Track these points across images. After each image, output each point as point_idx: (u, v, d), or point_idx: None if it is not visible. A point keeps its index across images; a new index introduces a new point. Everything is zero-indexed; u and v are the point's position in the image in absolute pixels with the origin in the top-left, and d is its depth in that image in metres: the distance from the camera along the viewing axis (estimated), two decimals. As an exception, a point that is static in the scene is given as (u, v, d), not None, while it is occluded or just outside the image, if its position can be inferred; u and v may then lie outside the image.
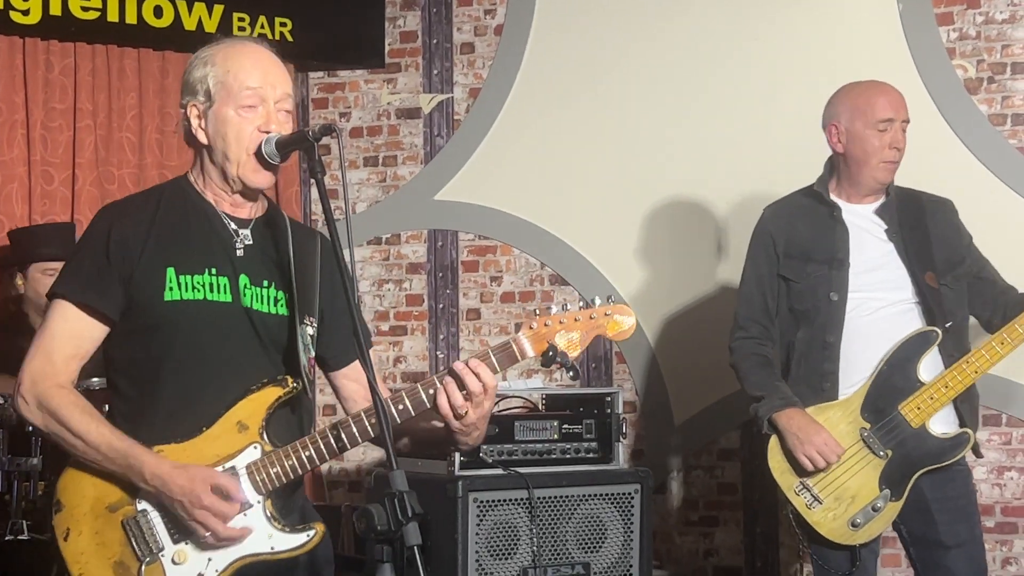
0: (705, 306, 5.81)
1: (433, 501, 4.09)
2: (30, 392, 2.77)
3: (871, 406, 3.98)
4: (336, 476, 6.16)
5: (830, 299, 4.05)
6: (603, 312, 2.76)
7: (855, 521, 3.94)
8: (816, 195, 4.18)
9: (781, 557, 5.71)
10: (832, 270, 4.07)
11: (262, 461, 2.75)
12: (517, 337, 2.73)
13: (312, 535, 2.79)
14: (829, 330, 4.03)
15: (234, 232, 2.86)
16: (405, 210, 6.25)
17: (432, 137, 6.25)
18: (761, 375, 4.13)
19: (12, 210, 5.41)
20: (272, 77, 2.82)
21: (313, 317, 2.88)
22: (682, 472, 5.89)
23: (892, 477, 3.95)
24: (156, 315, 2.77)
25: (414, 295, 6.23)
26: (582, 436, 4.69)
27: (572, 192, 6.02)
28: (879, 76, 5.07)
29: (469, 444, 2.81)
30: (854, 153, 4.09)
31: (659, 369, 5.89)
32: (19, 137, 5.46)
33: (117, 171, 5.74)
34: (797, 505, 3.99)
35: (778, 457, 4.02)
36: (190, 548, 2.73)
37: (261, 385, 2.78)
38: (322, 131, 2.67)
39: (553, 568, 4.45)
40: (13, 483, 4.44)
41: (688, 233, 5.86)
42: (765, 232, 4.24)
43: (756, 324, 4.19)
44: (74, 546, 2.74)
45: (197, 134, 2.84)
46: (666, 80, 5.92)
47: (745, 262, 4.31)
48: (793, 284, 4.14)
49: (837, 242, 4.09)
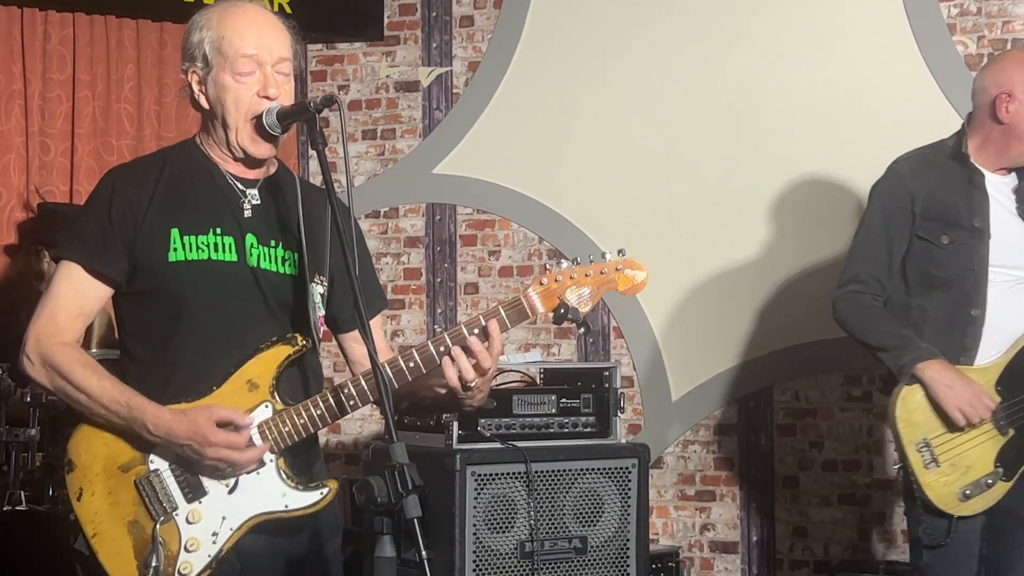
0: (703, 281, 5.80)
1: (431, 474, 4.09)
2: (34, 351, 2.77)
3: (1005, 381, 3.87)
4: (333, 449, 6.16)
5: (973, 269, 3.91)
6: (614, 266, 2.72)
7: (965, 492, 3.82)
8: (960, 156, 4.00)
9: (777, 532, 5.72)
10: (974, 239, 3.93)
11: (273, 420, 2.74)
12: (527, 293, 2.71)
13: (326, 493, 2.78)
14: (975, 302, 3.89)
15: (241, 192, 2.85)
16: (403, 183, 6.23)
17: (431, 110, 6.23)
18: (893, 325, 3.95)
19: (10, 181, 5.40)
20: (268, 40, 2.79)
21: (323, 276, 2.87)
22: (679, 447, 5.89)
23: (1008, 456, 3.85)
24: (161, 277, 2.77)
25: (412, 269, 6.22)
26: (580, 410, 4.69)
27: (571, 166, 6.01)
28: (879, 51, 5.08)
29: (474, 406, 2.80)
30: (1020, 128, 3.94)
31: (657, 344, 5.89)
32: (17, 108, 5.44)
33: (115, 142, 5.72)
34: (913, 461, 3.82)
35: (910, 407, 3.85)
36: (204, 507, 2.73)
37: (271, 343, 2.78)
38: (323, 102, 2.66)
39: (550, 541, 4.46)
40: (11, 454, 4.45)
41: (688, 208, 5.84)
42: (902, 187, 4.01)
43: (876, 280, 3.99)
44: (88, 506, 2.74)
45: (199, 99, 2.84)
46: (666, 53, 5.89)
47: (870, 214, 4.07)
48: (933, 247, 3.96)
49: (977, 210, 3.95)
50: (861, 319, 4.01)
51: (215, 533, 2.73)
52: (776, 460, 5.76)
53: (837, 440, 4.60)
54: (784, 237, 5.65)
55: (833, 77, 5.63)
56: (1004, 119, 3.95)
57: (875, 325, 3.98)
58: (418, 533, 2.36)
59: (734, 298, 5.77)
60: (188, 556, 2.71)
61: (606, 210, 5.96)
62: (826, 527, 5.65)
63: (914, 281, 4.00)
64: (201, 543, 2.72)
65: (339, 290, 2.93)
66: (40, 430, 4.45)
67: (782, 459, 5.76)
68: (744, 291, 5.74)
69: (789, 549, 5.73)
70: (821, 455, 5.68)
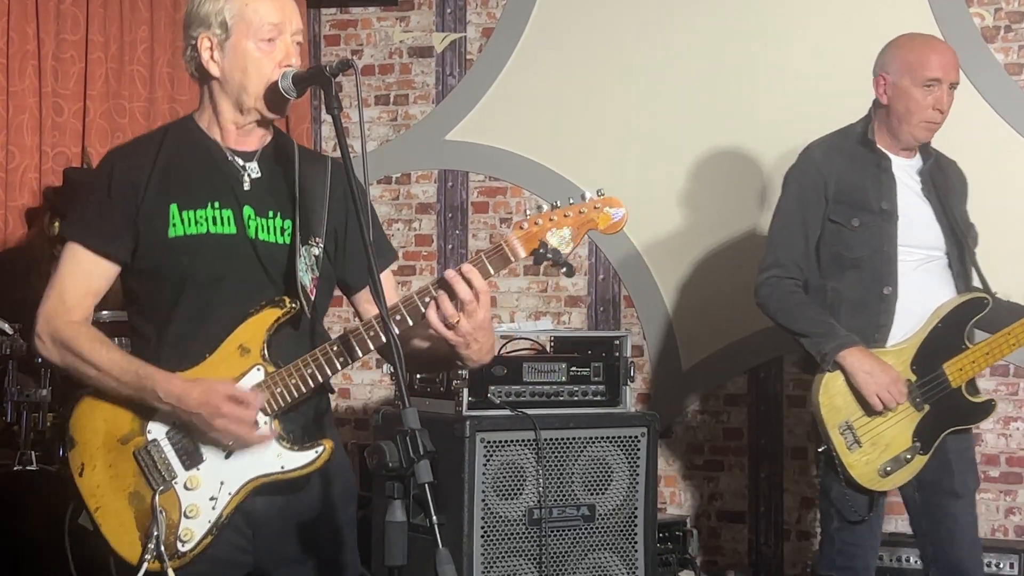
0: (714, 251, 5.80)
1: (440, 441, 4.10)
2: (44, 330, 2.80)
3: (920, 360, 4.01)
4: (343, 414, 6.17)
5: (883, 250, 4.04)
6: (592, 205, 2.73)
7: (886, 469, 3.99)
8: (866, 143, 4.13)
9: (785, 503, 5.74)
10: (883, 221, 4.05)
11: (265, 382, 2.75)
12: (508, 238, 2.70)
13: (320, 451, 2.78)
14: (886, 281, 4.03)
15: (240, 167, 2.86)
16: (415, 150, 6.23)
17: (444, 76, 6.22)
18: (812, 312, 4.07)
19: (23, 141, 5.39)
20: (289, 11, 2.83)
21: (320, 238, 2.86)
22: (688, 416, 5.90)
23: (924, 431, 4.01)
24: (161, 253, 2.79)
25: (423, 235, 6.22)
26: (590, 379, 4.69)
27: (584, 134, 6.00)
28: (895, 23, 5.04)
29: (472, 358, 2.75)
30: (897, 108, 4.07)
31: (668, 313, 5.89)
32: (30, 68, 5.43)
33: (128, 104, 5.72)
34: (837, 444, 3.99)
35: (831, 393, 4.01)
36: (202, 473, 2.75)
37: (259, 308, 2.78)
38: (339, 67, 2.66)
39: (559, 509, 4.47)
40: (22, 414, 4.46)
41: (699, 178, 5.83)
42: (815, 172, 4.14)
43: (795, 265, 4.13)
44: (89, 480, 2.77)
45: (209, 66, 2.83)
46: (682, 22, 5.87)
47: (786, 199, 4.21)
48: (844, 230, 4.08)
49: (885, 192, 4.08)
50: (783, 305, 4.14)
51: (213, 498, 2.74)
52: (785, 431, 5.77)
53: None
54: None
55: (849, 49, 5.59)
56: (883, 100, 4.12)
57: (797, 311, 4.11)
58: (429, 499, 2.36)
59: (745, 268, 5.74)
60: (189, 523, 2.73)
61: (618, 178, 5.94)
62: (834, 499, 5.66)
63: (827, 263, 4.12)
64: (201, 509, 2.74)
65: (345, 251, 2.94)
66: (51, 391, 4.46)
67: (791, 430, 5.76)
68: (756, 261, 5.72)
69: (797, 520, 5.74)
70: (830, 427, 5.68)
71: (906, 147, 4.14)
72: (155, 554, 2.69)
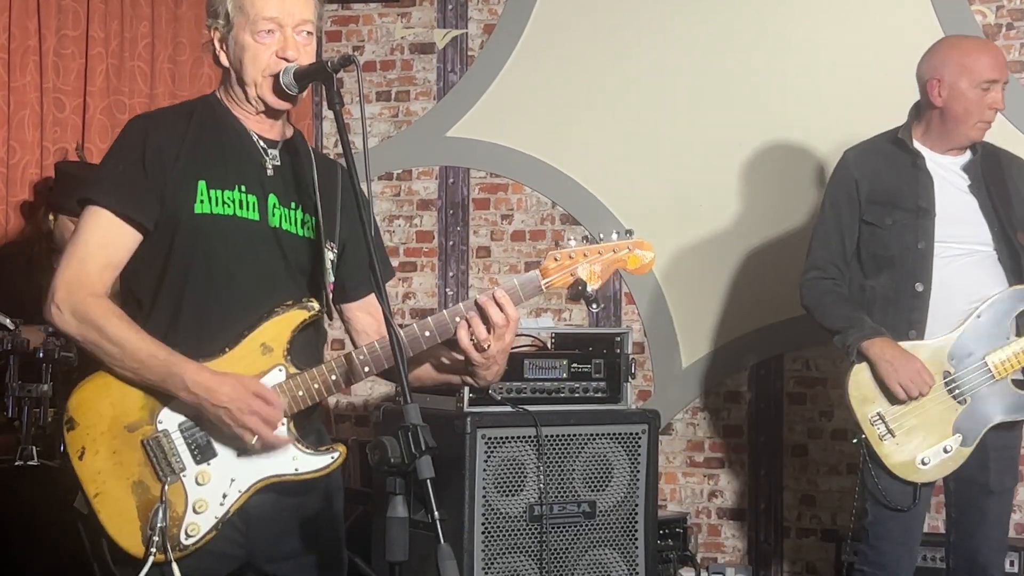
0: (715, 248, 5.80)
1: (441, 437, 4.06)
2: (65, 302, 2.71)
3: (959, 352, 4.05)
4: (343, 410, 6.17)
5: (917, 247, 4.09)
6: (625, 246, 2.80)
7: (924, 459, 4.03)
8: (900, 143, 4.20)
9: (785, 500, 5.74)
10: (918, 219, 4.10)
11: (287, 384, 2.75)
12: (545, 268, 2.76)
13: (336, 457, 2.80)
14: (919, 278, 4.08)
15: (264, 151, 2.86)
16: (417, 146, 6.22)
17: (445, 73, 6.22)
18: (845, 308, 4.17)
19: (24, 136, 5.38)
20: (290, 3, 2.80)
21: (334, 243, 2.87)
22: (689, 413, 5.90)
23: (966, 424, 4.04)
24: (184, 227, 2.75)
25: (424, 231, 6.22)
26: (591, 375, 4.69)
27: (585, 131, 5.99)
28: (898, 20, 5.07)
29: (487, 379, 2.81)
30: (954, 110, 4.12)
31: (668, 310, 5.89)
32: (31, 64, 5.41)
33: (128, 100, 5.70)
34: (869, 435, 4.07)
35: (860, 384, 4.09)
36: (213, 469, 2.73)
37: (286, 307, 2.78)
38: (341, 62, 2.67)
39: (559, 505, 4.47)
40: (24, 409, 4.45)
41: (701, 174, 5.83)
42: (848, 176, 4.25)
43: (833, 266, 4.23)
44: (90, 465, 2.71)
45: (220, 57, 2.85)
46: (684, 19, 5.87)
47: (824, 203, 4.33)
48: (878, 230, 4.17)
49: (921, 190, 4.13)
50: (819, 303, 4.24)
51: (224, 495, 2.73)
52: (785, 428, 5.77)
53: (847, 409, 4.60)
54: (796, 205, 5.63)
55: (850, 46, 5.60)
56: (937, 103, 4.14)
57: (829, 308, 4.21)
58: (430, 494, 2.37)
59: (746, 266, 5.76)
60: (195, 517, 2.71)
61: (619, 175, 5.95)
62: (834, 496, 5.66)
63: (867, 263, 4.22)
64: (209, 505, 2.73)
65: (348, 258, 2.94)
66: (52, 385, 4.45)
67: (791, 427, 5.76)
68: (756, 259, 5.74)
69: (797, 517, 5.74)
70: (830, 424, 5.68)
71: (958, 147, 4.19)
72: (160, 545, 2.67)
